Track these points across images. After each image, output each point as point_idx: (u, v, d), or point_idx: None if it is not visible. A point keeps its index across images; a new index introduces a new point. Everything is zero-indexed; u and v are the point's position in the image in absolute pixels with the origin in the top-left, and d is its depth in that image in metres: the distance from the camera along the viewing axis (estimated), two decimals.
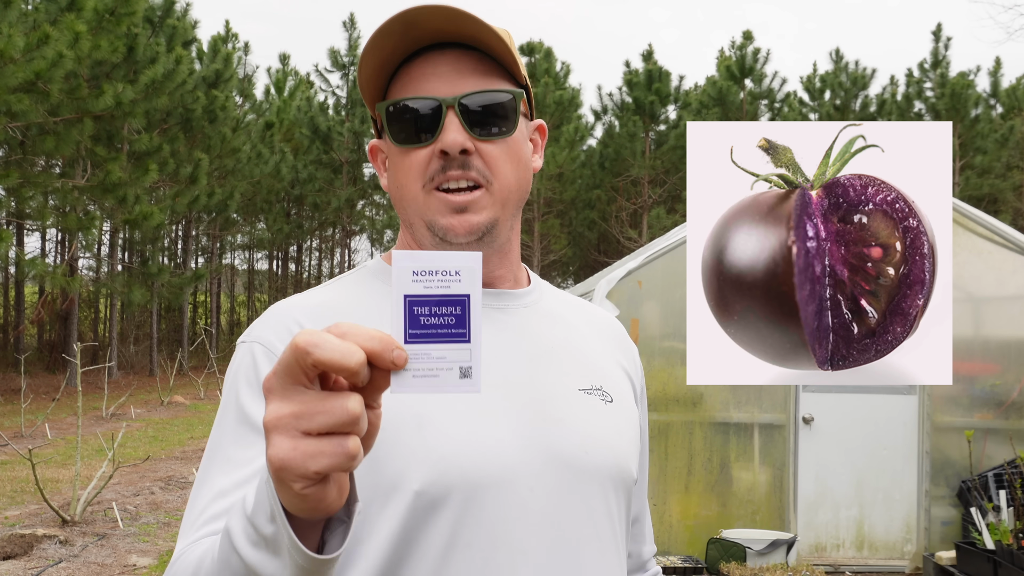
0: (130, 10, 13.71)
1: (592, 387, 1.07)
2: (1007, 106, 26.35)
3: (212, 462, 0.95)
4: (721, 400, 5.88)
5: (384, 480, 0.93)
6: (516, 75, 1.05)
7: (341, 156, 28.15)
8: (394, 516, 0.93)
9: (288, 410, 0.63)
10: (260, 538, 0.72)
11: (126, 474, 9.05)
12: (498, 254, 1.07)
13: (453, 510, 0.93)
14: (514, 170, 1.03)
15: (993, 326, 6.10)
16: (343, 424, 0.63)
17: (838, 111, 26.81)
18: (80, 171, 15.68)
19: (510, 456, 0.97)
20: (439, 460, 0.94)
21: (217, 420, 1.01)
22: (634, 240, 25.12)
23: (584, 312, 1.19)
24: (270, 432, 0.64)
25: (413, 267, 0.70)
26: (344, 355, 0.62)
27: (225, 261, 30.89)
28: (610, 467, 1.04)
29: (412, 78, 1.01)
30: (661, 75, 26.27)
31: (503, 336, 1.05)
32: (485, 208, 1.01)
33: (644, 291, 5.70)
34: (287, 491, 0.65)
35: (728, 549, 5.45)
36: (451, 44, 1.02)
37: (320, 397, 0.63)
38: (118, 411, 14.17)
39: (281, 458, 0.63)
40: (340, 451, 0.63)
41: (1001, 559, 5.13)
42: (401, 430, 0.94)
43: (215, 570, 0.77)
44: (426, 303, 0.69)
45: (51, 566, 5.85)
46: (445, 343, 0.69)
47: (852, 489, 6.06)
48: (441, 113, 0.99)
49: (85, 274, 21.73)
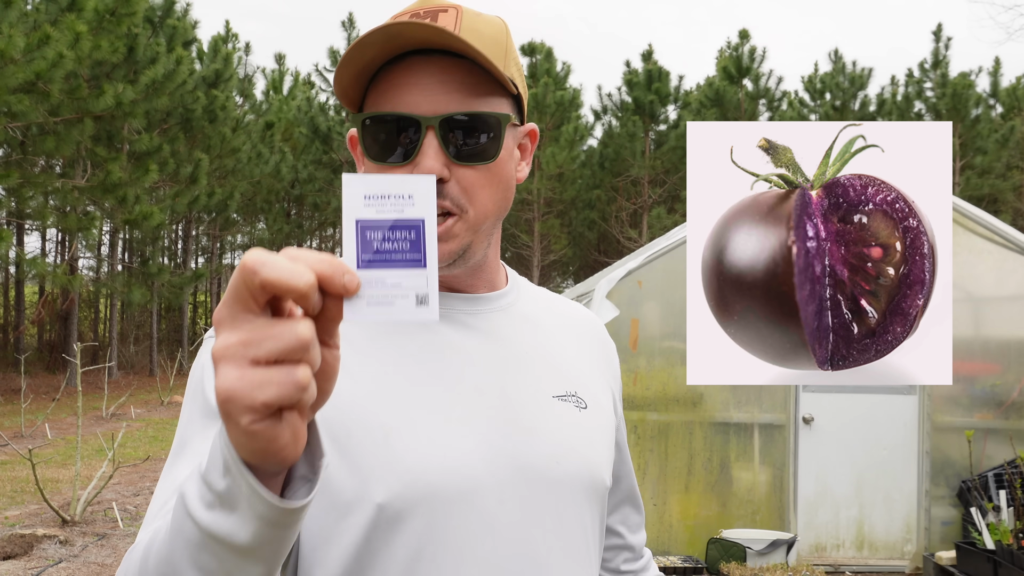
0: (130, 10, 13.71)
1: (566, 393, 1.04)
2: (1007, 106, 26.35)
3: (178, 455, 0.91)
4: (721, 400, 5.88)
5: (347, 490, 0.90)
6: (507, 84, 0.97)
7: (341, 156, 28.15)
8: (356, 528, 0.90)
9: (236, 338, 0.59)
10: (214, 496, 0.67)
11: (126, 474, 9.05)
12: (472, 269, 1.03)
13: (419, 524, 0.90)
14: (492, 195, 0.98)
15: (993, 326, 6.10)
16: (293, 350, 0.59)
17: (837, 111, 26.81)
18: (80, 171, 15.69)
19: (478, 467, 0.93)
20: (404, 472, 0.90)
21: (183, 413, 0.96)
22: (634, 240, 25.13)
23: (561, 312, 1.15)
24: (217, 363, 0.60)
25: (364, 191, 0.67)
26: (293, 274, 0.59)
27: (225, 261, 30.89)
28: (583, 477, 1.00)
29: (392, 86, 0.95)
30: (661, 75, 26.27)
31: (473, 341, 1.01)
32: (457, 236, 0.96)
33: (644, 291, 5.70)
34: (235, 428, 0.61)
35: (728, 549, 5.45)
36: (437, 50, 0.95)
37: (269, 323, 0.60)
38: (118, 411, 14.17)
39: (227, 388, 0.59)
40: (288, 379, 0.59)
41: (1001, 559, 5.13)
42: (366, 440, 0.91)
43: (167, 541, 0.72)
44: (379, 227, 0.67)
45: (51, 566, 5.85)
46: (400, 268, 0.67)
47: (852, 489, 6.06)
48: (420, 133, 0.93)
49: (85, 274, 21.73)
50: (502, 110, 0.98)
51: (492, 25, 0.99)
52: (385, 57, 0.95)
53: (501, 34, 1.00)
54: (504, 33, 1.00)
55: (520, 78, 1.03)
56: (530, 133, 1.07)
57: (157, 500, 0.87)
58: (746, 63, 26.33)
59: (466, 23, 0.96)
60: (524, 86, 1.05)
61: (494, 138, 0.96)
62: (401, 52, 0.95)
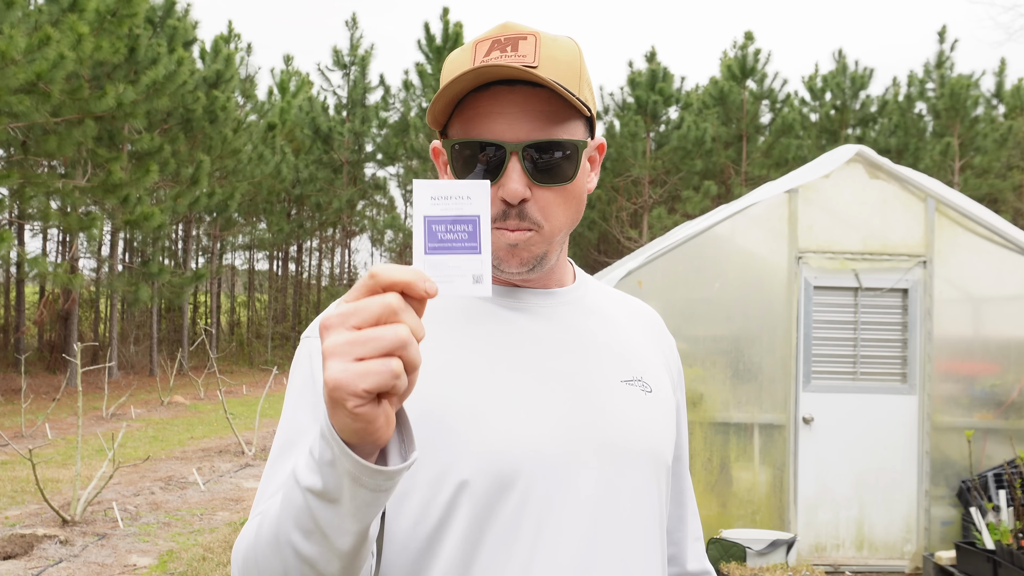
0: (131, 11, 13.71)
1: (633, 378, 1.13)
2: (1011, 106, 26.35)
3: (288, 449, 1.02)
4: (721, 400, 5.89)
5: (439, 467, 0.99)
6: (581, 109, 1.06)
7: (342, 156, 28.17)
8: (443, 504, 0.99)
9: (343, 339, 0.72)
10: (315, 463, 0.79)
11: (126, 474, 9.05)
12: (547, 271, 1.14)
13: (505, 499, 0.99)
14: (567, 211, 1.08)
15: (993, 326, 6.10)
16: (392, 347, 0.71)
17: (838, 111, 26.79)
18: (81, 172, 15.69)
19: (558, 446, 1.03)
20: (489, 451, 1.00)
21: (285, 410, 1.07)
22: (634, 240, 25.13)
23: (626, 305, 1.26)
24: (327, 358, 0.72)
25: (431, 193, 0.81)
26: (409, 284, 0.74)
27: (226, 261, 30.90)
28: (650, 453, 1.10)
29: (478, 114, 1.04)
30: (664, 75, 26.26)
31: (549, 331, 1.11)
32: (535, 245, 1.07)
33: (644, 291, 5.70)
34: (341, 412, 0.73)
35: (728, 549, 5.45)
36: (520, 81, 1.03)
37: (372, 328, 0.72)
38: (118, 411, 14.18)
39: (335, 377, 0.71)
40: (386, 370, 0.71)
41: (1001, 559, 5.13)
42: (455, 421, 1.01)
43: (278, 513, 0.85)
44: (442, 222, 0.81)
45: (51, 566, 5.85)
46: (460, 254, 0.81)
47: (852, 489, 6.06)
48: (504, 159, 1.03)
49: (86, 274, 21.73)
50: (577, 133, 1.08)
51: (567, 51, 1.07)
52: (471, 87, 1.04)
53: (575, 59, 1.07)
54: (578, 57, 1.08)
55: (591, 97, 1.11)
56: (599, 147, 1.16)
57: (268, 488, 1.00)
58: (750, 64, 26.32)
59: (544, 52, 1.04)
60: (595, 103, 1.13)
61: (571, 161, 1.06)
62: (486, 83, 1.04)
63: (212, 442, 11.61)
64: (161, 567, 5.95)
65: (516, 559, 0.99)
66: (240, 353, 27.89)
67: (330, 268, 35.53)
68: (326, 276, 35.42)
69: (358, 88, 28.56)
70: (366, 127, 28.28)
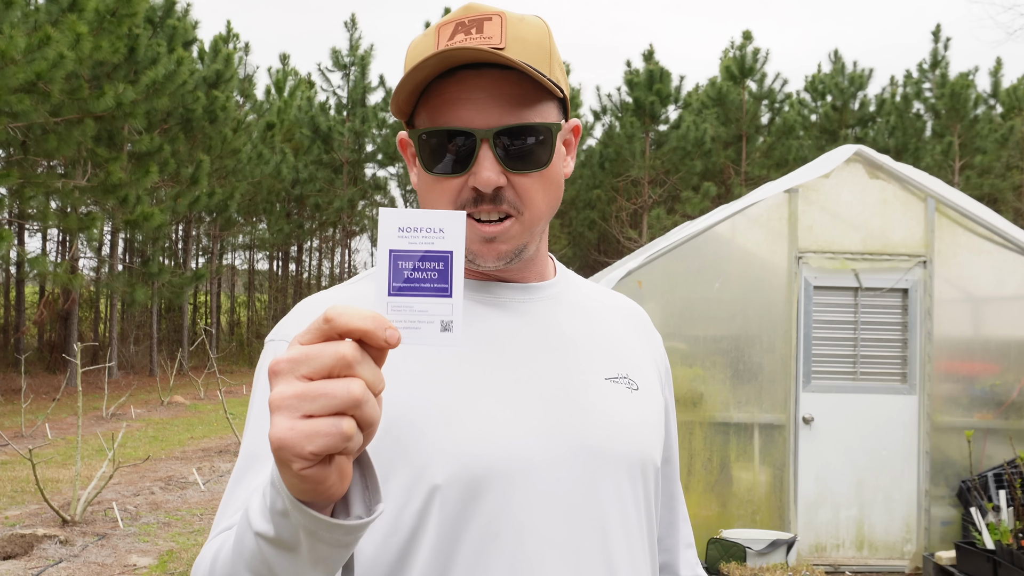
0: (131, 11, 13.71)
1: (618, 375, 1.07)
2: (1007, 106, 26.33)
3: (250, 461, 0.96)
4: (721, 400, 5.89)
5: (407, 475, 0.93)
6: (553, 89, 1.01)
7: (342, 156, 28.16)
8: (416, 511, 0.93)
9: (291, 391, 0.65)
10: (267, 510, 0.74)
11: (126, 474, 9.05)
12: (524, 262, 1.08)
13: (480, 503, 0.93)
14: (546, 197, 1.02)
15: (993, 326, 6.10)
16: (343, 407, 0.64)
17: (836, 112, 26.79)
18: (81, 172, 15.69)
19: (535, 447, 0.97)
20: (463, 454, 0.94)
21: (249, 419, 1.01)
22: (634, 240, 25.12)
23: (609, 301, 1.19)
24: (273, 411, 0.66)
25: (399, 224, 0.72)
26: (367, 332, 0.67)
27: (226, 261, 30.90)
28: (635, 454, 1.04)
29: (445, 101, 0.98)
30: (662, 75, 26.24)
31: (527, 328, 1.05)
32: (514, 237, 1.01)
33: (644, 291, 5.70)
34: (288, 472, 0.67)
35: (728, 549, 5.45)
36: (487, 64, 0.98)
37: (323, 381, 0.65)
38: (118, 411, 14.18)
39: (280, 437, 0.64)
40: (335, 431, 0.64)
41: (1001, 559, 5.13)
42: (425, 424, 0.94)
43: (232, 550, 0.80)
44: (410, 258, 0.72)
45: (51, 566, 5.85)
46: (428, 296, 0.72)
47: (852, 489, 6.06)
48: (475, 146, 0.97)
49: (86, 274, 21.73)
50: (550, 116, 1.02)
51: (536, 30, 1.02)
52: (436, 73, 0.98)
53: (544, 38, 1.02)
54: (547, 36, 1.03)
55: (563, 78, 1.06)
56: (574, 129, 1.10)
57: (230, 506, 0.95)
58: (749, 63, 26.31)
59: (511, 32, 0.99)
60: (567, 84, 1.07)
61: (545, 146, 1.00)
62: (451, 68, 0.98)
63: (212, 442, 11.62)
64: (161, 567, 5.95)
65: (495, 571, 0.93)
66: (240, 353, 27.89)
67: (330, 268, 35.53)
68: (326, 276, 35.41)
69: (358, 88, 28.56)
70: (366, 127, 28.27)
